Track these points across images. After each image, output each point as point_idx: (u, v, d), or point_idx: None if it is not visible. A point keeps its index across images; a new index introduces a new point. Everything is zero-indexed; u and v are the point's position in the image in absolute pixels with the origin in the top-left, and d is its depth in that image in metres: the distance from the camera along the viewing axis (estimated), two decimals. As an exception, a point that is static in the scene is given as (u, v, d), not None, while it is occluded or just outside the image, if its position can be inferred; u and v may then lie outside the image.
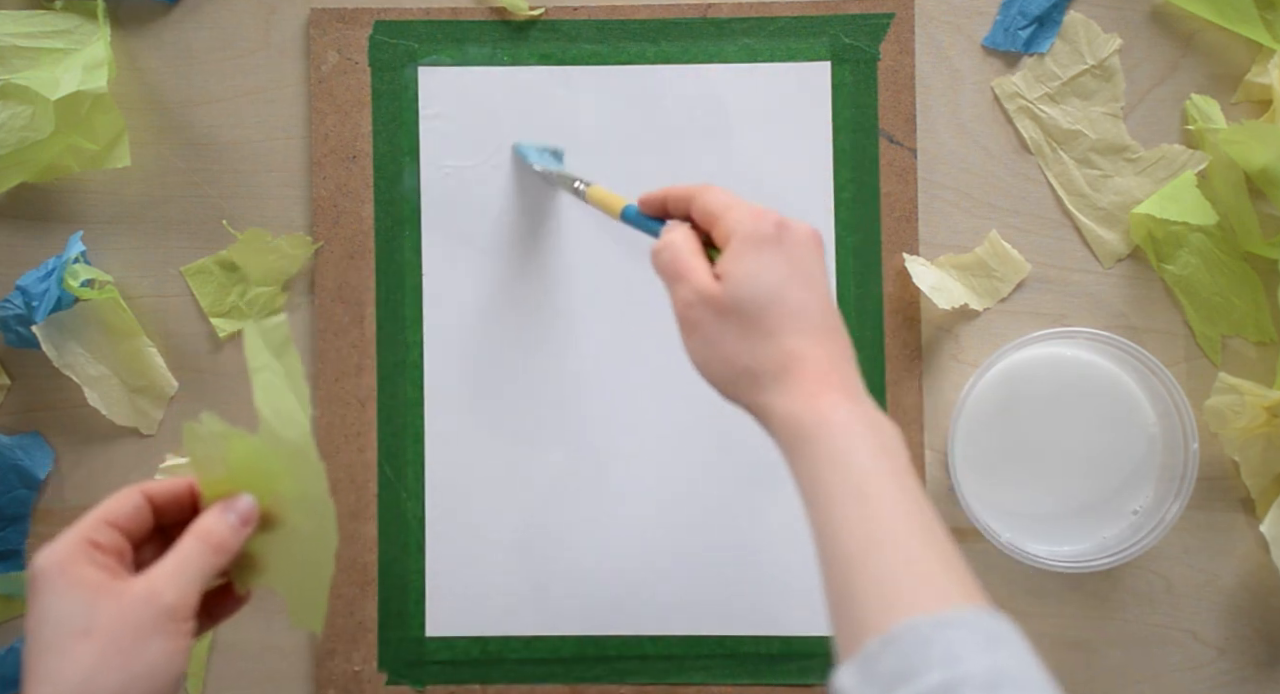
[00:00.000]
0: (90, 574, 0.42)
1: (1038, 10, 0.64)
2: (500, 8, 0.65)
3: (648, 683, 0.63)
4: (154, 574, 0.43)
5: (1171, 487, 0.61)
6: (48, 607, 0.41)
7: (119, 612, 0.41)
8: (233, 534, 0.44)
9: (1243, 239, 0.64)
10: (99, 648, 0.40)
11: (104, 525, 0.43)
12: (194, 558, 0.43)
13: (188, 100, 0.66)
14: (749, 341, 0.45)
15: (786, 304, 0.45)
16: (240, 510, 0.45)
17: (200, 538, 0.44)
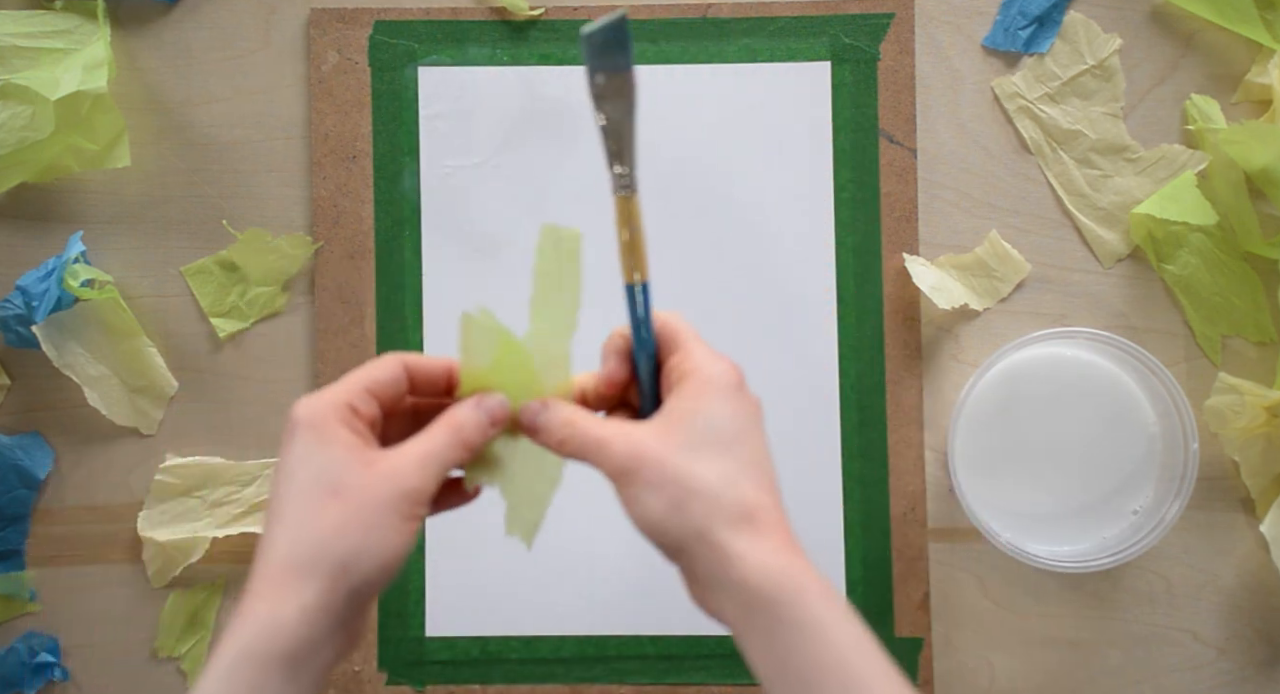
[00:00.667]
0: (345, 437, 0.43)
1: (1038, 10, 0.64)
2: (500, 8, 0.65)
3: (648, 683, 0.63)
4: (403, 454, 0.43)
5: (1171, 487, 0.61)
6: (302, 458, 0.43)
7: (366, 482, 0.42)
8: (480, 431, 0.45)
9: (1243, 239, 0.64)
10: (342, 512, 0.42)
11: (363, 391, 0.44)
12: (440, 447, 0.44)
13: (188, 100, 0.66)
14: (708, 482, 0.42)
15: (746, 451, 0.43)
16: (492, 409, 0.46)
17: (451, 429, 0.45)
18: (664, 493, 0.43)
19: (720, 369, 0.45)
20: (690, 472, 0.42)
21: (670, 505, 0.43)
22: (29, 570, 0.64)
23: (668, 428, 0.43)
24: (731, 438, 0.43)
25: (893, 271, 0.64)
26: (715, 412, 0.43)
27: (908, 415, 0.64)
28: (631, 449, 0.43)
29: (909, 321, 0.64)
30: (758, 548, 0.41)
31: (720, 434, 0.43)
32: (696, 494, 0.42)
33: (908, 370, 0.64)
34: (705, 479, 0.42)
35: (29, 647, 0.64)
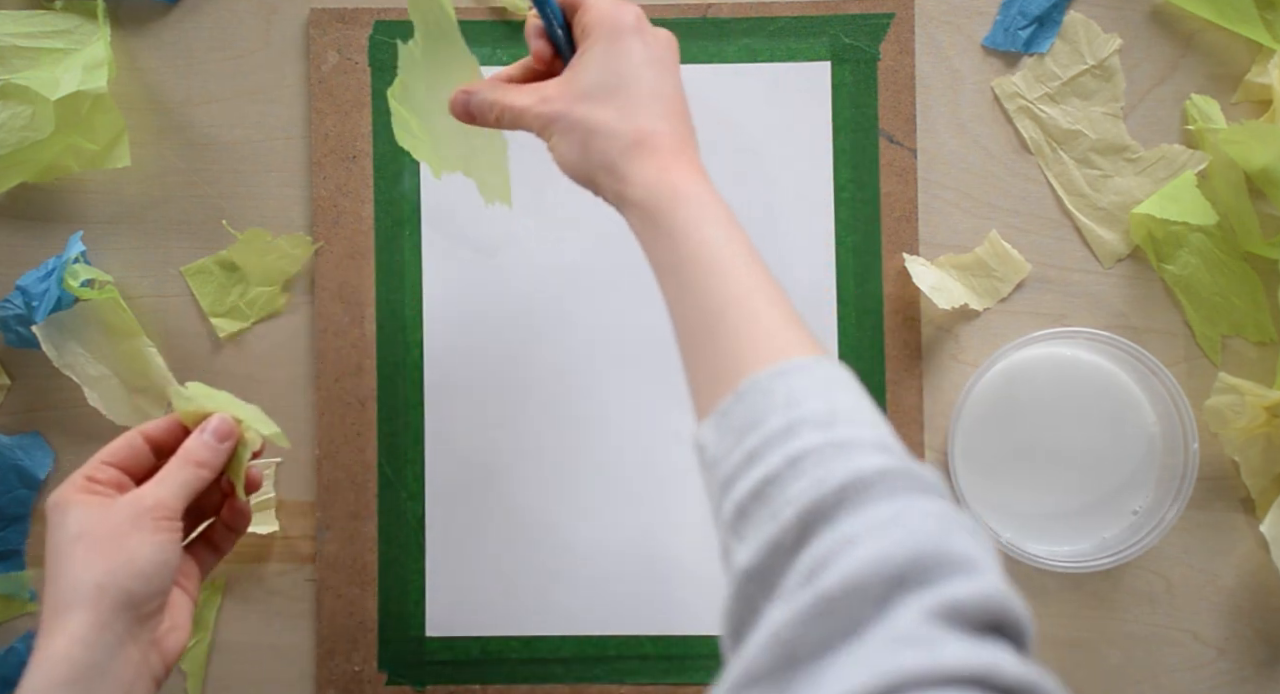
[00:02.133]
0: (83, 499, 0.48)
1: (1038, 10, 0.64)
2: (500, 8, 0.65)
3: (648, 683, 0.64)
4: (139, 488, 0.49)
5: (1171, 487, 0.61)
6: (53, 529, 0.48)
7: (105, 517, 0.47)
8: (208, 449, 0.50)
9: (1243, 239, 0.64)
10: (86, 547, 0.46)
11: (101, 464, 0.50)
12: (174, 471, 0.49)
13: (188, 100, 0.66)
14: (602, 121, 0.47)
15: (641, 86, 0.47)
16: (213, 429, 0.51)
17: (180, 456, 0.50)
18: (573, 137, 0.48)
19: (611, 13, 0.48)
20: (589, 115, 0.47)
21: (580, 147, 0.48)
22: (29, 570, 0.64)
23: (571, 79, 0.48)
24: (626, 75, 0.47)
25: (893, 271, 0.64)
26: (609, 55, 0.48)
27: (908, 415, 0.64)
28: (545, 107, 0.48)
29: (909, 322, 0.64)
30: (646, 167, 0.46)
31: (615, 74, 0.47)
32: (595, 132, 0.47)
33: (908, 370, 0.64)
34: (601, 118, 0.47)
35: (29, 647, 0.64)
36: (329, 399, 0.64)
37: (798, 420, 0.38)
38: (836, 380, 0.40)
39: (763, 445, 0.38)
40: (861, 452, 0.37)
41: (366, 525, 0.64)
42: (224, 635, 0.64)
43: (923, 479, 0.36)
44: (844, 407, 0.39)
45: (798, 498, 0.36)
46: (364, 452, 0.64)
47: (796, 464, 0.37)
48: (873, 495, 0.35)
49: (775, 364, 0.40)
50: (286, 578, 0.65)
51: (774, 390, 0.39)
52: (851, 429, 0.38)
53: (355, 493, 0.64)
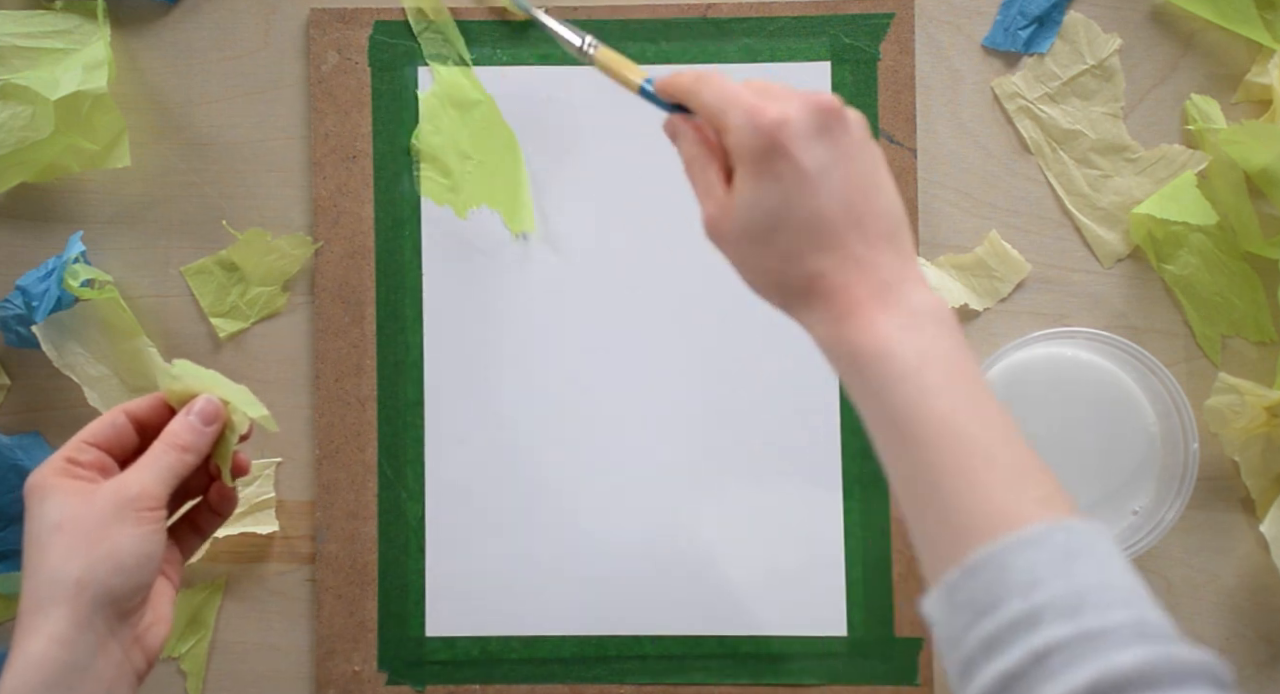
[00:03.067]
0: (64, 484, 0.46)
1: (1038, 10, 0.64)
2: (500, 8, 0.65)
3: (648, 683, 0.63)
4: (126, 472, 0.47)
5: (1171, 487, 0.61)
6: (32, 517, 0.45)
7: (87, 507, 0.45)
8: (193, 432, 0.48)
9: (1243, 239, 0.64)
10: (66, 539, 0.44)
11: (82, 445, 0.47)
12: (158, 455, 0.47)
13: (188, 100, 0.66)
14: (769, 266, 0.43)
15: (794, 224, 0.41)
16: (199, 411, 0.48)
17: (164, 439, 0.48)
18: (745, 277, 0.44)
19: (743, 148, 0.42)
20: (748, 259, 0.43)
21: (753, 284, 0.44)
22: (29, 570, 0.64)
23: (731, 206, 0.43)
24: (770, 223, 0.42)
25: (893, 271, 0.64)
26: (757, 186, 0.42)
27: (908, 415, 0.64)
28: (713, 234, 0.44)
29: (909, 321, 0.64)
30: (819, 325, 0.42)
31: (758, 223, 0.42)
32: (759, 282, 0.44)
33: (908, 370, 0.64)
34: (761, 264, 0.43)
35: (29, 647, 0.63)
36: (329, 399, 0.64)
37: (1041, 607, 0.34)
38: (1079, 550, 0.36)
39: (1002, 634, 0.35)
40: (1115, 645, 0.33)
41: (366, 525, 0.64)
42: (224, 635, 0.64)
43: (1190, 667, 0.33)
44: (1091, 585, 0.35)
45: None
46: (364, 452, 0.64)
47: (1043, 662, 0.33)
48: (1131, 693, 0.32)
49: (1007, 535, 0.36)
50: (286, 578, 0.65)
51: (1009, 567, 0.35)
52: (1101, 616, 0.34)
53: (355, 493, 0.64)
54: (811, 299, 0.42)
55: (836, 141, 0.42)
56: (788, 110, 0.41)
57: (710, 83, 0.44)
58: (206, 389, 0.49)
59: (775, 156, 0.41)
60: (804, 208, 0.41)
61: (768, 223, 0.42)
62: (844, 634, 0.63)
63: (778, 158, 0.41)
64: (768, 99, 0.42)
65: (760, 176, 0.42)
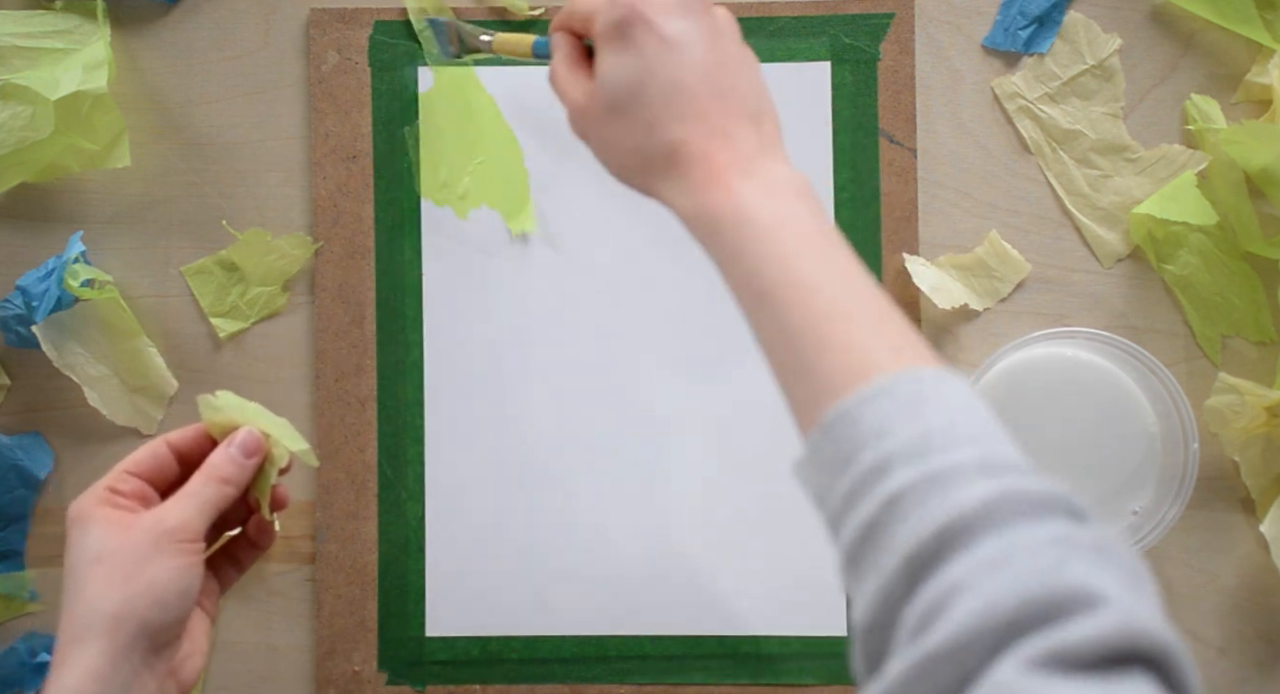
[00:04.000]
0: (105, 514, 0.46)
1: (1038, 10, 0.64)
2: (500, 8, 0.65)
3: (648, 683, 0.63)
4: (165, 505, 0.47)
5: (1171, 487, 0.61)
6: (72, 546, 0.45)
7: (125, 539, 0.45)
8: (234, 464, 0.48)
9: (1243, 239, 0.64)
10: (105, 571, 0.44)
11: (124, 474, 0.47)
12: (198, 488, 0.47)
13: (188, 100, 0.66)
14: (630, 139, 0.44)
15: (655, 92, 0.42)
16: (240, 443, 0.48)
17: (204, 471, 0.48)
18: (606, 157, 0.46)
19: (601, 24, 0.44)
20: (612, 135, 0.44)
21: (615, 167, 0.45)
22: (29, 570, 0.64)
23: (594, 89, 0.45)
24: (629, 93, 0.43)
25: (893, 271, 0.64)
26: (617, 57, 0.43)
27: (908, 415, 0.64)
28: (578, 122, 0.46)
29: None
30: (679, 193, 0.43)
31: (619, 94, 0.43)
32: (622, 154, 0.44)
33: (908, 370, 0.64)
34: (624, 137, 0.44)
35: (29, 647, 0.64)
36: (329, 399, 0.64)
37: (888, 455, 0.35)
38: (926, 395, 0.36)
39: (858, 487, 0.35)
40: (960, 483, 0.33)
41: (366, 525, 0.64)
42: (224, 635, 0.64)
43: (1032, 498, 0.33)
44: (937, 427, 0.35)
45: (900, 546, 0.33)
46: (364, 452, 0.64)
47: (894, 506, 0.34)
48: (976, 533, 0.32)
49: (859, 388, 0.36)
50: (286, 578, 0.65)
51: (861, 419, 0.36)
52: (946, 456, 0.34)
53: (355, 493, 0.64)
54: (671, 169, 0.43)
55: (699, 19, 0.43)
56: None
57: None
58: (248, 421, 0.49)
59: (635, 25, 0.43)
60: (665, 74, 0.42)
61: (630, 91, 0.43)
62: (844, 634, 0.63)
63: (637, 26, 0.43)
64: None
65: (621, 49, 0.43)
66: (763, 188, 0.41)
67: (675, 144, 0.42)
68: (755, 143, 0.43)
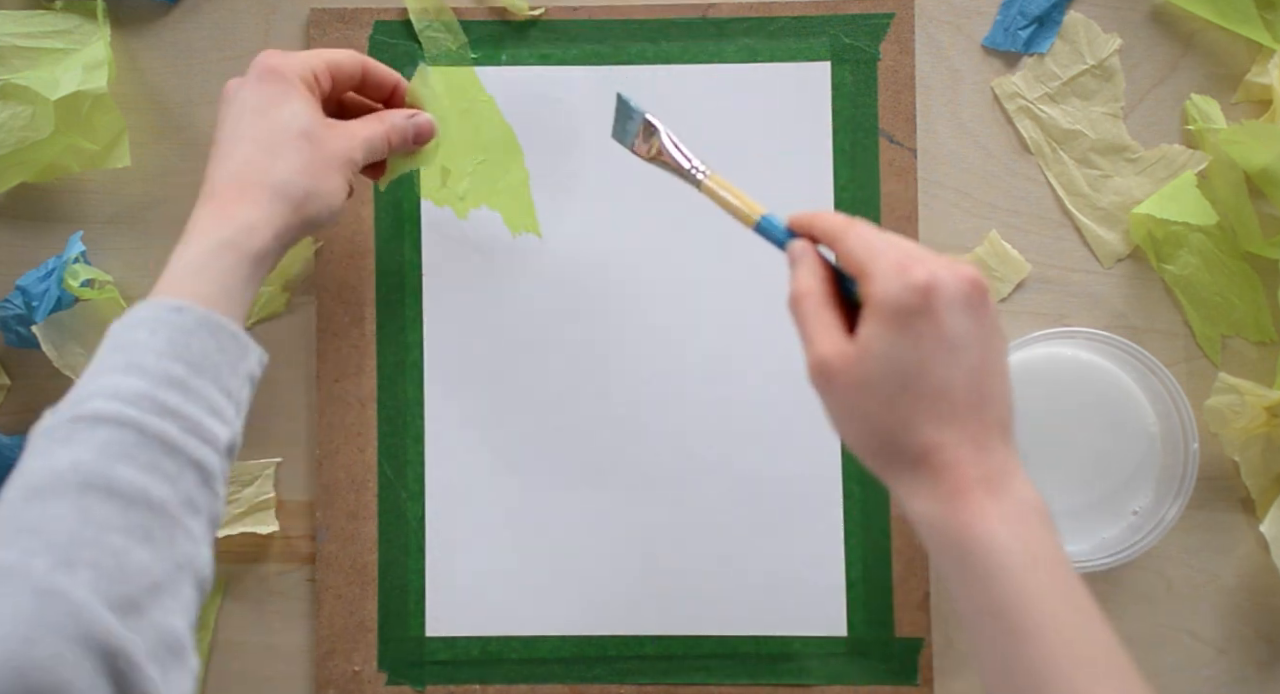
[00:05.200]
0: (310, 97, 0.52)
1: (1038, 10, 0.64)
2: (500, 8, 0.65)
3: (648, 683, 0.63)
4: (351, 130, 0.53)
5: (1171, 487, 0.61)
6: (276, 99, 0.51)
7: (329, 138, 0.51)
8: (403, 137, 0.55)
9: (1243, 239, 0.64)
10: (311, 156, 0.50)
11: (325, 67, 0.53)
12: (378, 135, 0.53)
13: (188, 100, 0.66)
14: (882, 425, 0.41)
15: (924, 389, 0.40)
16: (420, 125, 0.56)
17: (387, 125, 0.54)
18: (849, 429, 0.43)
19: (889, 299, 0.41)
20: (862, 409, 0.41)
21: (855, 442, 0.43)
22: (29, 570, 0.64)
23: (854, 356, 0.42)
24: (901, 382, 0.40)
25: (893, 271, 0.64)
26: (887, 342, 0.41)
27: (908, 415, 0.64)
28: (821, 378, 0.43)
29: (909, 321, 0.64)
30: (923, 500, 0.41)
31: (888, 379, 0.41)
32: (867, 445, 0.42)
33: (908, 370, 0.64)
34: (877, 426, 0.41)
35: (29, 647, 0.63)
36: (329, 399, 0.64)
37: None
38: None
39: None
40: None
41: (366, 525, 0.64)
42: (224, 635, 0.64)
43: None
44: None
45: None
46: (364, 452, 0.64)
47: None
48: None
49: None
50: (286, 578, 0.65)
51: None
52: None
53: (355, 493, 0.64)
54: (920, 470, 0.41)
55: (980, 319, 0.41)
56: (940, 274, 0.41)
57: (860, 230, 0.44)
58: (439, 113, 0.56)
59: (922, 316, 0.40)
60: (937, 375, 0.40)
61: (897, 381, 0.40)
62: (844, 634, 0.63)
63: (924, 318, 0.40)
64: (916, 259, 0.41)
65: (901, 332, 0.40)
66: (1013, 513, 0.40)
67: (929, 447, 0.41)
68: (1005, 457, 0.41)
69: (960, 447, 0.40)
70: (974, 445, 0.40)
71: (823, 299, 0.44)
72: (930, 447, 0.40)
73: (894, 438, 0.41)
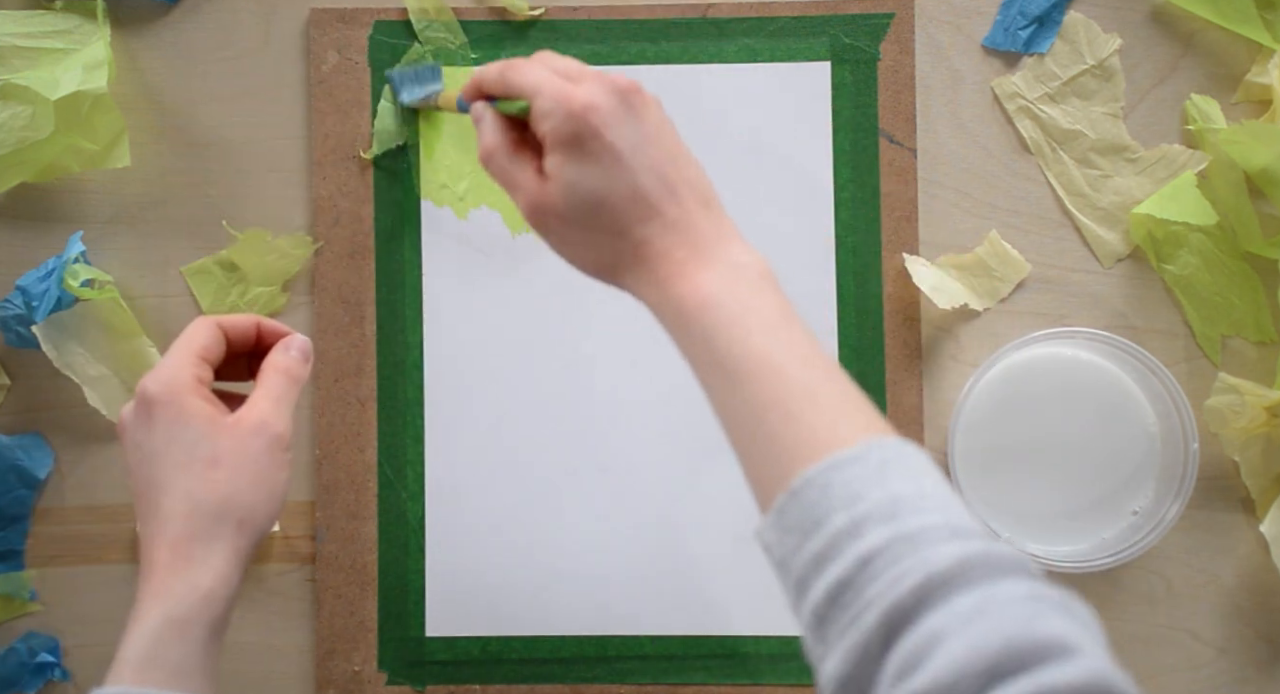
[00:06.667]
0: (202, 407, 0.47)
1: (1038, 10, 0.64)
2: (500, 8, 0.65)
3: (648, 683, 0.64)
4: (258, 406, 0.48)
5: (1171, 487, 0.61)
6: (172, 436, 0.46)
7: (239, 443, 0.46)
8: (303, 367, 0.51)
9: (1243, 239, 0.64)
10: (229, 476, 0.46)
11: (200, 361, 0.48)
12: (286, 391, 0.49)
13: (188, 100, 0.66)
14: (595, 241, 0.45)
15: (617, 198, 0.44)
16: (299, 346, 0.51)
17: (283, 373, 0.50)
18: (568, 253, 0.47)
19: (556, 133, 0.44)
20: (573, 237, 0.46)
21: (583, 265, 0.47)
22: (29, 570, 0.64)
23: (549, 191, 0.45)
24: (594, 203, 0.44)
25: (893, 271, 0.64)
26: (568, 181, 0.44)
27: (908, 415, 0.64)
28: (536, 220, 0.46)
29: (909, 322, 0.64)
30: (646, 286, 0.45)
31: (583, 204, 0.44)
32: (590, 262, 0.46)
33: (908, 370, 0.64)
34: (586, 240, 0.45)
35: (29, 647, 0.64)
36: (329, 399, 0.64)
37: (861, 517, 0.37)
38: (892, 463, 0.38)
39: (830, 547, 0.37)
40: (933, 542, 0.35)
41: (366, 525, 0.64)
42: (224, 635, 0.64)
43: (1002, 560, 0.35)
44: (906, 493, 0.37)
45: (877, 601, 0.35)
46: (364, 452, 0.64)
47: (868, 565, 0.36)
48: (953, 588, 0.34)
49: (827, 456, 0.38)
50: (286, 578, 0.65)
51: (831, 484, 0.38)
52: (918, 518, 0.36)
53: (355, 493, 0.64)
54: (637, 266, 0.45)
55: (642, 119, 0.45)
56: (594, 93, 0.44)
57: (515, 71, 0.47)
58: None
59: (591, 138, 0.44)
60: (624, 182, 0.44)
61: (592, 200, 0.44)
62: (844, 634, 0.63)
63: (593, 139, 0.44)
64: (571, 83, 0.45)
65: (579, 157, 0.44)
66: (725, 275, 0.43)
67: (639, 243, 0.44)
68: (711, 230, 0.45)
69: (665, 235, 0.44)
70: (676, 230, 0.44)
71: (508, 151, 0.47)
72: (640, 243, 0.44)
73: (612, 249, 0.45)
